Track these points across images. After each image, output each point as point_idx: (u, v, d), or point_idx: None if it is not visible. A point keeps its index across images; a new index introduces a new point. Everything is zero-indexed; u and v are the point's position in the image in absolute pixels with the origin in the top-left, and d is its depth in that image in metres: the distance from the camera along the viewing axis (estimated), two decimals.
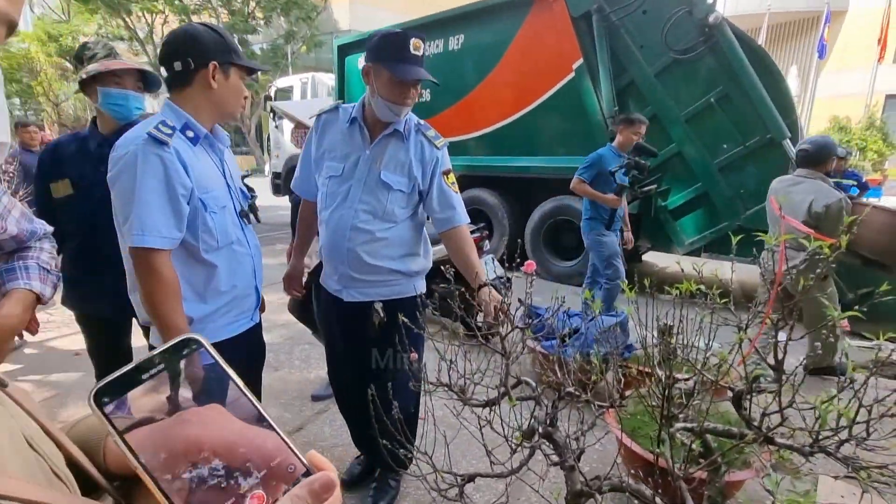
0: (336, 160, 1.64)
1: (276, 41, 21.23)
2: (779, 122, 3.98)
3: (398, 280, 1.71)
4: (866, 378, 1.02)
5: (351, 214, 1.61)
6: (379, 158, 1.61)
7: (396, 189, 1.62)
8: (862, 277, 3.74)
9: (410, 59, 1.48)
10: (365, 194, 1.61)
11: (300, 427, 2.44)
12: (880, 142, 15.77)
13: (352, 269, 1.66)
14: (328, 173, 1.65)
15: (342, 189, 1.63)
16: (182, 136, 1.25)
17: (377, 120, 1.61)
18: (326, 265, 1.76)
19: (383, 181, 1.61)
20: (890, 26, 15.89)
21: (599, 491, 1.22)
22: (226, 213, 1.33)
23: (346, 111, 1.67)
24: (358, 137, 1.63)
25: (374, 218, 1.62)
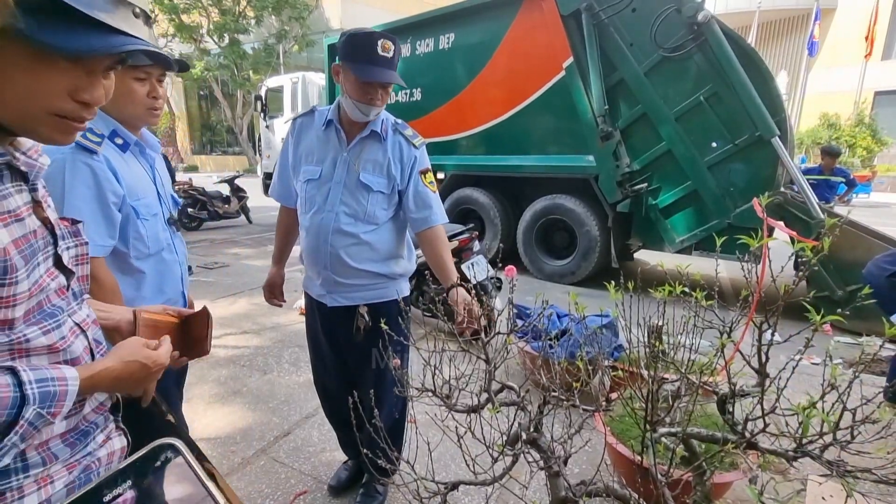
0: (313, 163, 1.61)
1: (267, 41, 21.10)
2: (768, 120, 3.99)
3: (382, 283, 1.69)
4: (850, 381, 1.01)
5: (332, 218, 1.58)
6: (357, 160, 1.59)
7: (376, 190, 1.60)
8: (850, 274, 3.76)
9: (378, 60, 1.44)
10: (345, 196, 1.59)
11: (288, 432, 2.41)
12: (869, 138, 15.93)
13: (335, 273, 1.63)
14: (306, 177, 1.62)
15: (321, 192, 1.60)
16: (111, 143, 1.21)
17: (352, 121, 1.58)
18: (309, 270, 1.73)
19: (363, 183, 1.58)
20: (877, 23, 16.05)
21: (586, 495, 1.20)
22: (157, 220, 1.31)
23: (321, 114, 1.64)
24: (335, 139, 1.60)
25: (355, 220, 1.59)
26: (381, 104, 1.53)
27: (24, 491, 0.65)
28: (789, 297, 1.04)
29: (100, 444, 0.76)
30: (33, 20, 0.53)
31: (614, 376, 2.27)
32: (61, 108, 0.60)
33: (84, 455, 0.72)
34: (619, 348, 2.47)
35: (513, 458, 1.15)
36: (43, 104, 0.59)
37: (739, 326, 1.20)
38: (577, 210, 5.10)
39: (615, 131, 4.73)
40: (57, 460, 0.68)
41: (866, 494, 1.07)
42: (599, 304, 2.50)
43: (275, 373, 3.06)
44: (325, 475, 2.07)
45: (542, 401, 1.29)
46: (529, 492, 1.83)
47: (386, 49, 1.44)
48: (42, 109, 0.59)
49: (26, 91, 0.57)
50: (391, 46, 1.45)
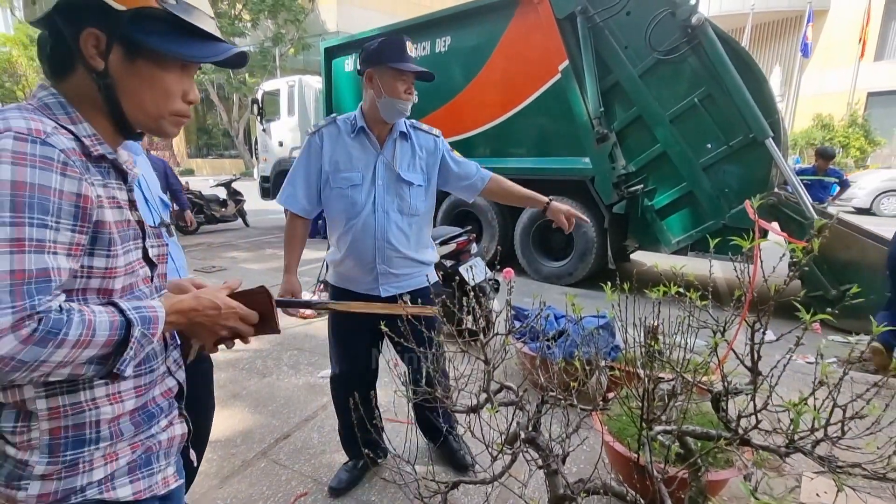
0: (352, 170, 1.72)
1: (263, 44, 21.11)
2: (761, 121, 4.03)
3: (421, 271, 1.85)
4: (840, 378, 1.03)
5: (383, 215, 1.73)
6: (393, 160, 1.73)
7: (416, 185, 1.77)
8: (844, 274, 3.80)
9: (408, 57, 1.64)
10: (391, 194, 1.74)
11: (288, 434, 2.42)
12: (862, 139, 16.05)
13: (388, 265, 1.77)
14: (349, 183, 1.72)
15: (368, 195, 1.72)
16: None
17: (380, 125, 1.72)
18: (355, 268, 1.79)
19: (404, 179, 1.74)
20: (869, 25, 16.20)
21: (584, 493, 1.22)
22: None
23: (345, 122, 1.74)
24: (368, 144, 1.73)
25: (402, 215, 1.76)
26: (413, 99, 1.68)
27: (93, 464, 0.72)
28: (780, 297, 1.06)
29: (162, 429, 0.83)
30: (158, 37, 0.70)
31: (611, 376, 2.29)
32: (179, 109, 0.76)
33: (147, 436, 0.80)
34: (615, 348, 2.49)
35: (511, 457, 1.17)
36: (170, 107, 0.75)
37: (733, 326, 1.22)
38: None
39: (611, 133, 4.76)
40: (123, 437, 0.76)
41: (857, 489, 1.09)
42: (596, 305, 2.53)
43: (274, 376, 3.07)
44: (325, 477, 2.08)
45: (540, 400, 1.32)
46: (528, 490, 1.85)
47: (411, 49, 1.66)
48: (168, 111, 0.75)
49: (159, 97, 0.73)
50: (413, 48, 1.68)
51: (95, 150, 0.70)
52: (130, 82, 0.71)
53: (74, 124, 0.70)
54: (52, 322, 0.60)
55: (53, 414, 0.69)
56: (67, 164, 0.64)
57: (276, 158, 8.85)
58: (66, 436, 0.70)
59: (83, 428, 0.71)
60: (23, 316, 0.58)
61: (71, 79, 0.71)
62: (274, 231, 9.03)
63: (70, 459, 0.70)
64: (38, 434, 0.68)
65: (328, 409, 2.65)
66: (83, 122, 0.71)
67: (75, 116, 0.70)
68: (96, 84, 0.70)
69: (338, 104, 7.38)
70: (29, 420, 0.68)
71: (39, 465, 0.69)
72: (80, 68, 0.70)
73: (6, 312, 0.58)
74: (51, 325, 0.60)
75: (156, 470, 0.81)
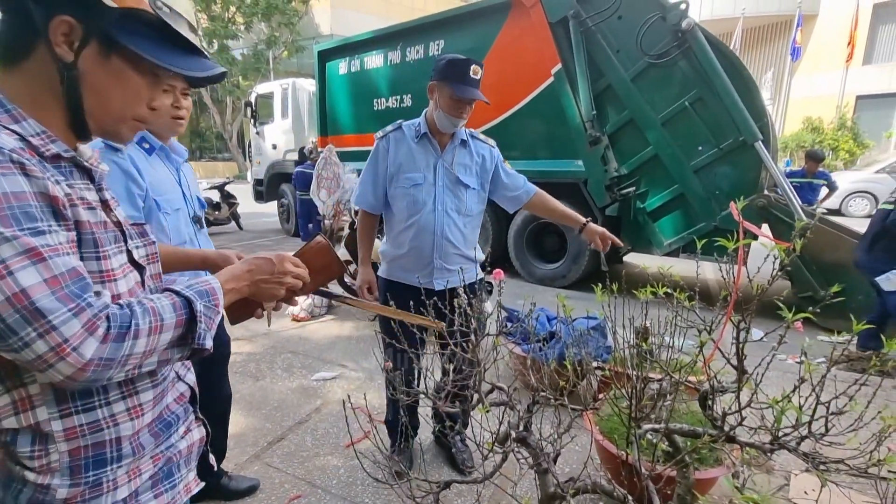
0: (416, 171, 1.88)
1: (257, 46, 21.07)
2: (751, 124, 4.08)
3: (471, 267, 2.00)
4: (822, 376, 1.05)
5: (442, 213, 1.89)
6: (453, 164, 1.90)
7: (472, 188, 1.93)
8: (833, 274, 3.85)
9: (470, 81, 1.75)
10: (449, 195, 1.90)
11: (281, 437, 2.41)
12: (851, 142, 16.26)
13: (444, 260, 1.92)
14: (411, 182, 1.87)
15: (429, 194, 1.88)
16: (139, 147, 1.42)
17: (441, 132, 1.88)
18: (415, 263, 1.91)
19: (463, 182, 1.91)
20: (857, 29, 16.43)
21: (575, 492, 1.24)
22: (179, 215, 1.46)
23: (409, 128, 1.92)
24: (430, 148, 1.90)
25: (458, 214, 1.92)
26: (466, 117, 1.83)
27: (117, 482, 0.70)
28: (764, 297, 1.09)
29: (181, 436, 0.82)
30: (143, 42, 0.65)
31: (603, 377, 2.31)
32: (141, 114, 0.72)
33: (167, 447, 0.78)
34: (607, 349, 2.51)
35: (503, 456, 1.18)
36: (135, 110, 0.71)
37: (720, 326, 1.25)
38: None
39: (603, 136, 4.80)
40: (144, 451, 0.74)
41: (841, 485, 1.11)
42: (590, 307, 2.54)
43: (267, 379, 3.07)
44: (319, 480, 2.08)
45: (531, 401, 1.33)
46: (520, 490, 1.86)
47: (475, 73, 1.76)
48: (131, 115, 0.71)
49: (129, 98, 0.69)
50: (479, 70, 1.77)
51: (48, 149, 0.63)
52: (100, 79, 0.65)
53: (17, 122, 0.62)
54: (120, 317, 0.61)
55: (70, 434, 0.66)
56: (24, 164, 0.58)
57: (270, 161, 8.84)
58: (87, 456, 0.67)
59: (103, 446, 0.68)
60: (93, 319, 0.58)
61: (22, 67, 0.64)
62: (268, 234, 9.00)
63: (93, 480, 0.68)
64: (57, 456, 0.65)
65: (322, 412, 2.65)
66: (27, 120, 0.63)
67: (17, 114, 0.62)
68: (59, 75, 0.63)
69: (332, 107, 7.39)
70: (46, 443, 0.65)
71: (62, 488, 0.66)
72: (37, 56, 0.63)
73: (68, 318, 0.56)
74: (119, 320, 0.60)
75: (177, 480, 0.80)
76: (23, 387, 0.63)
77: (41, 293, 0.55)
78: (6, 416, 0.63)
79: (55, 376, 0.57)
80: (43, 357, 0.55)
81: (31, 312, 0.54)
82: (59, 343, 0.55)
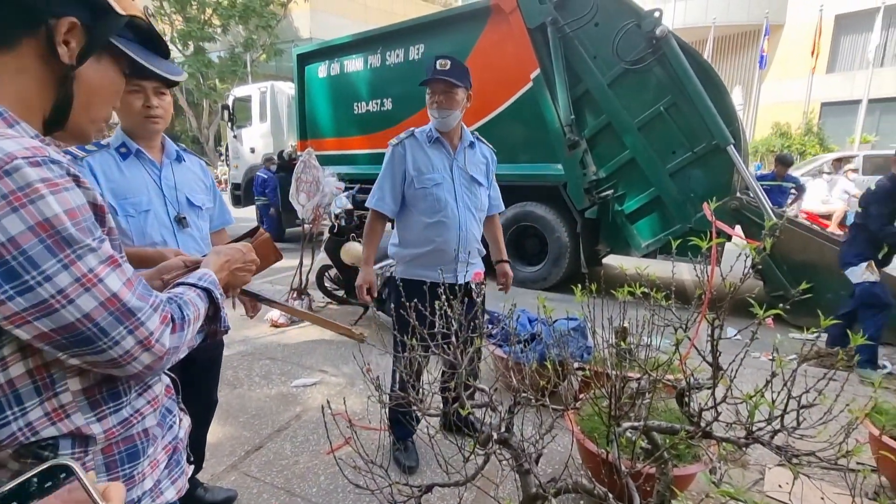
0: (434, 172, 1.99)
1: (234, 49, 20.76)
2: (723, 129, 4.20)
3: (479, 260, 2.13)
4: (793, 371, 1.08)
5: (464, 210, 2.01)
6: (465, 164, 2.03)
7: (483, 186, 2.09)
8: (802, 274, 3.98)
9: (438, 73, 1.87)
10: (467, 193, 2.03)
11: (259, 446, 2.36)
12: (817, 146, 16.90)
13: (468, 255, 2.03)
14: (433, 182, 1.98)
15: (450, 193, 1.99)
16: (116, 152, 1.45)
17: (450, 135, 2.01)
18: (440, 259, 1.97)
19: (476, 180, 2.05)
20: (821, 38, 17.14)
21: (556, 492, 1.24)
22: (147, 217, 1.46)
23: (421, 134, 2.03)
24: (443, 151, 2.02)
25: (476, 210, 2.06)
26: (446, 106, 1.91)
27: (144, 474, 0.74)
28: (736, 295, 1.11)
29: (179, 425, 0.86)
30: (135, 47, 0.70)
31: (584, 377, 2.33)
32: (109, 115, 0.75)
33: (173, 437, 0.82)
34: (588, 350, 2.53)
35: (484, 458, 1.18)
36: (108, 112, 0.73)
37: (695, 324, 1.27)
38: (547, 217, 5.22)
39: (582, 140, 4.88)
40: (158, 442, 0.78)
41: (812, 477, 1.14)
42: (570, 308, 2.57)
43: (245, 387, 3.00)
44: (298, 488, 2.04)
45: (512, 402, 1.33)
46: (503, 492, 1.85)
47: (443, 65, 1.88)
48: (104, 116, 0.73)
49: (108, 101, 0.71)
50: (447, 62, 1.88)
51: None
52: (92, 80, 0.66)
53: (11, 126, 0.60)
54: (175, 311, 0.68)
55: (110, 435, 0.69)
56: (77, 176, 0.60)
57: (248, 165, 8.70)
58: (120, 451, 0.71)
59: (133, 440, 0.72)
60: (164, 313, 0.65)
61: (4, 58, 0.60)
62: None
63: (128, 474, 0.71)
64: (91, 456, 0.68)
65: (302, 419, 2.60)
66: (20, 123, 0.61)
67: (9, 117, 0.60)
68: (54, 75, 0.63)
69: (311, 110, 7.33)
70: (87, 445, 0.67)
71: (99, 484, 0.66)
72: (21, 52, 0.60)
73: (151, 313, 0.63)
74: (178, 314, 0.68)
75: (184, 466, 0.85)
76: (55, 397, 0.64)
77: (127, 295, 0.61)
78: (43, 427, 0.63)
79: (134, 368, 0.62)
80: (130, 351, 0.61)
81: (123, 313, 0.60)
82: (147, 336, 0.62)
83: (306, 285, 4.56)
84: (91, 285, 0.58)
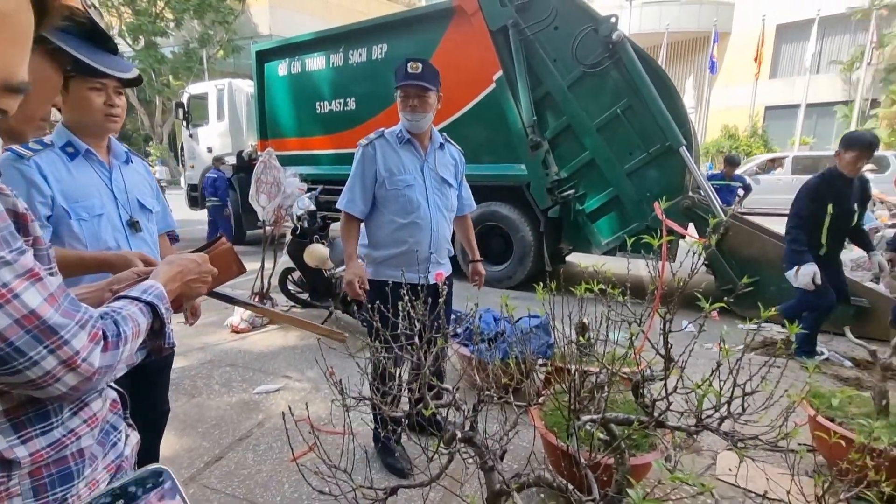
0: (406, 173, 1.98)
1: (189, 45, 19.94)
2: (675, 131, 4.39)
3: (448, 261, 2.15)
4: (737, 360, 1.15)
5: (436, 210, 2.02)
6: (436, 165, 2.03)
7: (453, 186, 2.10)
8: (749, 268, 4.21)
9: (409, 76, 1.88)
10: (436, 194, 2.03)
11: (220, 456, 2.28)
12: (762, 147, 17.94)
13: (438, 255, 2.05)
14: (405, 184, 1.97)
15: (421, 194, 1.99)
16: (63, 151, 1.35)
17: (421, 136, 2.01)
18: (412, 259, 1.93)
19: (447, 181, 2.06)
20: (764, 46, 18.23)
21: (520, 487, 1.26)
22: (101, 220, 1.39)
23: (391, 135, 2.01)
24: (414, 152, 2.02)
25: (447, 211, 2.08)
26: (420, 110, 1.91)
27: (80, 497, 0.69)
28: (687, 290, 1.17)
29: (124, 443, 0.82)
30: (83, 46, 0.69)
31: (547, 373, 2.39)
32: (47, 114, 0.72)
33: (117, 456, 0.78)
34: (550, 346, 2.59)
35: (448, 457, 1.18)
36: (45, 110, 0.70)
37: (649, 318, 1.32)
38: (511, 217, 5.30)
39: (543, 141, 4.98)
40: (97, 461, 0.73)
41: (756, 460, 1.21)
42: (535, 307, 2.62)
43: (204, 395, 2.89)
44: (261, 498, 1.98)
45: (476, 400, 1.34)
46: (468, 490, 1.87)
47: (414, 68, 1.86)
48: (41, 114, 0.70)
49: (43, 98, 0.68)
50: (419, 65, 1.87)
51: None
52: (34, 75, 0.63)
53: None
54: (110, 327, 0.63)
55: (37, 458, 0.64)
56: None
57: (206, 165, 8.38)
58: (50, 474, 0.66)
59: (66, 462, 0.67)
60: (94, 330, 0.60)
61: None
62: (203, 242, 8.51)
63: (60, 498, 0.66)
64: (17, 480, 0.63)
65: (265, 427, 2.53)
66: None
67: None
68: None
69: (272, 109, 7.14)
70: (10, 469, 0.62)
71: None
72: None
73: (77, 331, 0.58)
74: (113, 330, 0.63)
75: None
76: None
77: (49, 311, 0.56)
78: None
79: (57, 389, 0.58)
80: (51, 372, 0.57)
81: (42, 331, 0.55)
82: (71, 356, 0.58)
83: (269, 289, 4.44)
84: (4, 302, 0.53)
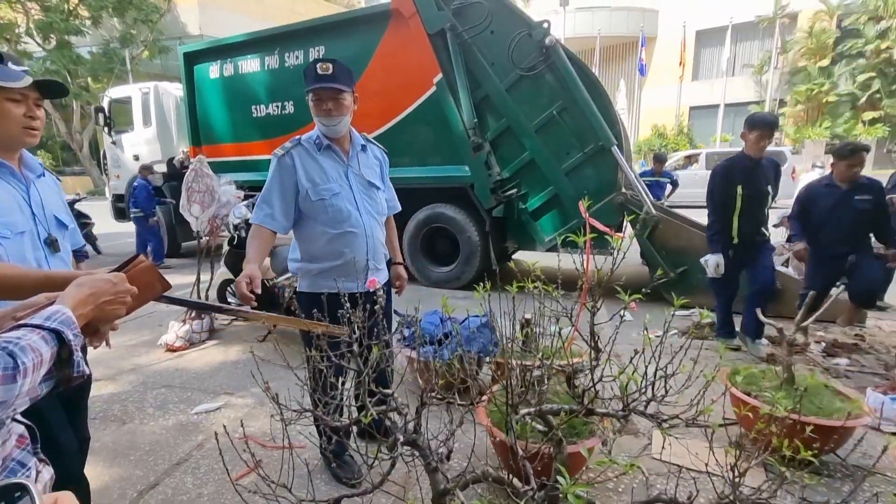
0: (331, 182, 1.88)
1: (109, 44, 18.53)
2: (607, 131, 4.63)
3: (384, 266, 2.09)
4: (656, 346, 1.24)
5: (368, 217, 1.95)
6: (360, 169, 1.96)
7: (380, 189, 2.04)
8: (678, 258, 4.51)
9: (321, 78, 1.79)
10: (365, 200, 1.96)
11: (155, 483, 2.14)
12: (688, 145, 19.30)
13: (376, 261, 1.99)
14: (330, 193, 1.87)
15: (350, 202, 1.91)
16: None
17: (340, 140, 1.92)
18: (350, 269, 1.84)
19: (374, 185, 1.99)
20: (686, 51, 19.63)
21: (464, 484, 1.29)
22: (23, 238, 1.31)
23: (308, 142, 1.91)
24: (336, 158, 1.93)
25: (378, 215, 2.01)
26: (336, 113, 1.82)
27: None
28: (610, 283, 1.24)
29: (34, 481, 0.75)
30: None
31: (493, 370, 2.44)
32: None
33: None
34: (496, 344, 2.65)
35: (391, 462, 1.18)
36: None
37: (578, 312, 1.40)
38: (457, 218, 5.36)
39: (485, 143, 5.08)
40: None
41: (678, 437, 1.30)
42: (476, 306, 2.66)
43: (136, 421, 2.70)
44: None
45: (419, 402, 1.35)
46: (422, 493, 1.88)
47: (324, 69, 1.78)
48: None
49: None
50: (329, 66, 1.78)
51: None
52: None
53: None
54: (4, 360, 0.60)
55: None
56: None
57: (131, 174, 7.82)
58: None
59: None
60: None
61: None
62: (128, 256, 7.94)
63: None
64: None
65: (205, 448, 2.40)
66: None
67: None
68: None
69: (204, 114, 6.78)
70: None
71: None
72: None
73: None
74: (8, 362, 0.60)
75: None
76: None
77: None
78: None
79: None
80: None
81: None
82: None
83: None
84: None
